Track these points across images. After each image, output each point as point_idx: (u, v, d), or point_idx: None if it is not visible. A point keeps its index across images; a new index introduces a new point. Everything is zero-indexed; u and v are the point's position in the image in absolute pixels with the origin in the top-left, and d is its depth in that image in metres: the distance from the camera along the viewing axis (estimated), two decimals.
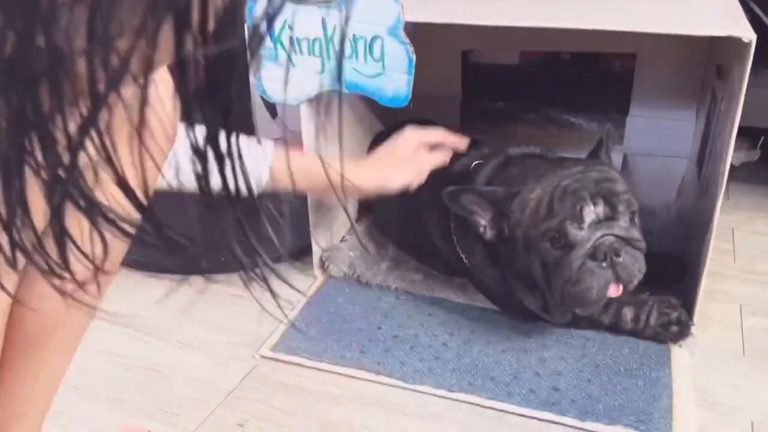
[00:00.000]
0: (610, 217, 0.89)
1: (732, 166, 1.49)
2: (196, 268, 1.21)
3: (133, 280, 1.20)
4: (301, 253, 1.25)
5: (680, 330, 0.98)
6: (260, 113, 1.68)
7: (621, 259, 0.87)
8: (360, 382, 0.94)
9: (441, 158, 1.03)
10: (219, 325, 1.08)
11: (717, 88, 1.03)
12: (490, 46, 1.38)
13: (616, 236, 0.88)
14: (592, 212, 0.88)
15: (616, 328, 1.01)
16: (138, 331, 1.06)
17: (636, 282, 0.89)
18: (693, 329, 0.99)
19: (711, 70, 1.12)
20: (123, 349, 1.02)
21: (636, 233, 0.90)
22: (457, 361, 0.96)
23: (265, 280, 0.39)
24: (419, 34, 0.95)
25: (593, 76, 1.39)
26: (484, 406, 0.88)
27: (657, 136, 1.32)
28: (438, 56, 1.38)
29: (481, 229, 0.96)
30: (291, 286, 0.41)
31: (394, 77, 0.98)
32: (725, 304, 1.09)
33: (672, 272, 1.10)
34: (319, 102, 1.08)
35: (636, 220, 0.91)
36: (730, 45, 0.95)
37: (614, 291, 0.88)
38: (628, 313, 0.99)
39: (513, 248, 0.94)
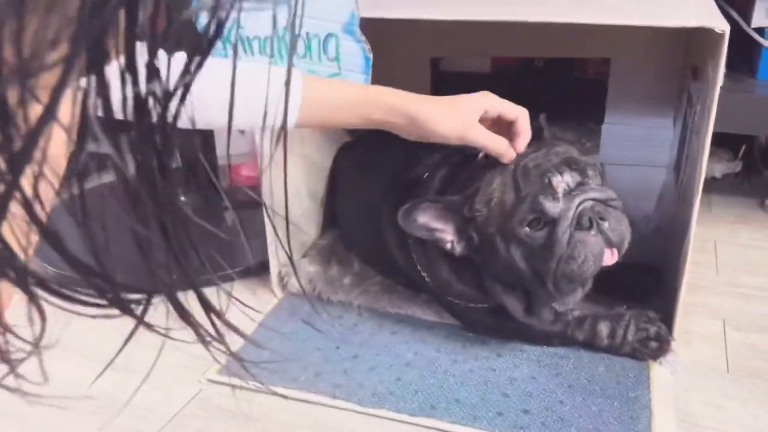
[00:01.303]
0: (581, 182, 0.84)
1: (713, 178, 1.45)
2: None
3: None
4: (260, 268, 1.17)
5: (660, 346, 0.91)
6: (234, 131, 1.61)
7: (607, 223, 0.82)
8: (314, 407, 0.87)
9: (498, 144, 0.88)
10: (168, 348, 0.99)
11: (692, 90, 0.98)
12: (460, 52, 1.33)
13: (594, 199, 0.82)
14: (561, 181, 0.82)
15: (591, 345, 0.94)
16: (76, 354, 0.98)
17: (627, 244, 0.84)
18: (673, 345, 0.92)
19: (687, 73, 1.07)
20: (57, 374, 0.94)
21: (611, 192, 0.85)
22: (420, 383, 0.88)
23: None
24: (384, 40, 0.89)
25: (567, 83, 1.34)
26: (442, 431, 0.80)
27: (634, 144, 1.26)
28: (405, 64, 1.33)
29: (449, 246, 0.89)
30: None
31: (350, 77, 0.92)
32: (708, 318, 1.03)
33: (649, 284, 1.04)
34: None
35: (605, 179, 0.87)
36: (704, 42, 0.90)
37: (609, 258, 0.83)
38: (603, 328, 0.93)
39: (489, 250, 0.86)
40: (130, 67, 0.26)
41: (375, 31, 0.89)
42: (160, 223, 0.31)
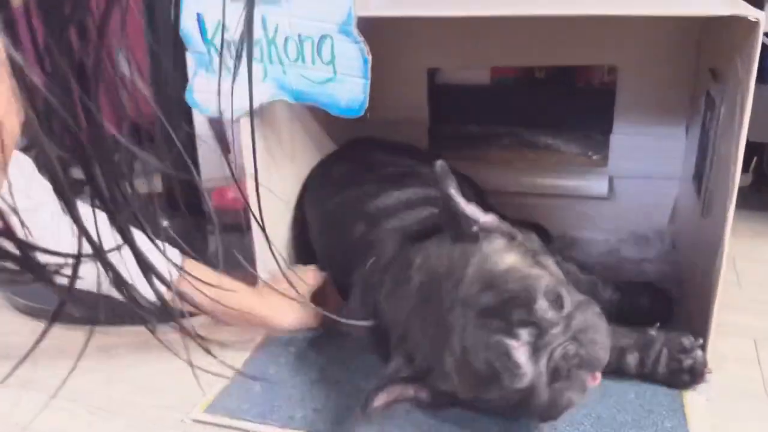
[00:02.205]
0: (538, 327, 0.67)
1: None
2: (117, 318, 1.05)
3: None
4: None
5: (692, 378, 0.82)
6: (206, 148, 1.53)
7: (584, 357, 0.68)
8: None
9: None
10: (145, 385, 0.90)
11: (713, 93, 0.91)
12: (459, 63, 1.26)
13: (560, 344, 0.68)
14: (521, 347, 0.66)
15: (617, 374, 0.85)
16: (47, 395, 0.87)
17: (607, 358, 0.71)
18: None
19: (703, 75, 1.00)
20: (25, 416, 0.83)
21: (568, 303, 0.69)
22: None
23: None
24: (378, 50, 0.82)
25: (571, 94, 1.28)
26: None
27: (644, 155, 1.20)
28: (401, 75, 1.26)
29: (424, 406, 0.78)
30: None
31: (347, 82, 0.84)
32: (737, 338, 0.94)
33: (659, 311, 0.94)
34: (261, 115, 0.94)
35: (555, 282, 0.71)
36: (727, 38, 0.84)
37: (593, 381, 0.70)
38: (631, 361, 0.83)
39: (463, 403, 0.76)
40: None
41: (367, 40, 0.81)
42: None
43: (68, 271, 0.54)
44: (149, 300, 0.43)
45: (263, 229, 0.65)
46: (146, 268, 0.38)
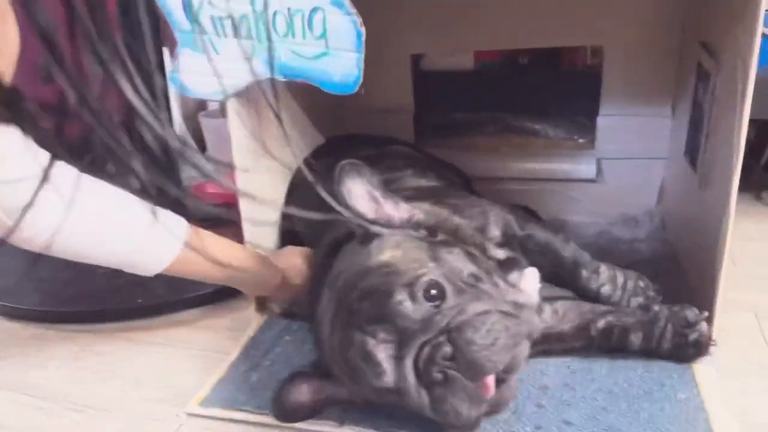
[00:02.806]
0: (394, 323, 0.62)
1: None
2: (103, 314, 1.00)
3: (27, 333, 0.96)
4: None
5: (697, 351, 0.81)
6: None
7: (456, 359, 0.60)
8: None
9: None
10: (134, 381, 0.85)
11: (708, 66, 0.91)
12: (442, 47, 1.25)
13: (425, 343, 0.60)
14: (378, 347, 0.61)
15: (622, 352, 0.83)
16: (31, 396, 0.82)
17: (495, 365, 0.60)
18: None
19: (692, 50, 1.00)
20: (8, 419, 0.78)
21: (451, 297, 0.62)
22: None
23: None
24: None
25: (555, 78, 1.27)
26: None
27: (631, 136, 1.19)
28: (386, 62, 1.24)
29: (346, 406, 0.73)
30: None
31: (340, 57, 0.81)
32: (739, 313, 0.94)
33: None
34: (250, 95, 0.91)
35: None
36: (724, 10, 0.84)
37: (487, 390, 0.61)
38: (635, 340, 0.81)
39: None
40: None
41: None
42: None
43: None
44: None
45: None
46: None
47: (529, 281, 0.76)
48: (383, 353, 0.61)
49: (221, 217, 1.24)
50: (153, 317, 0.99)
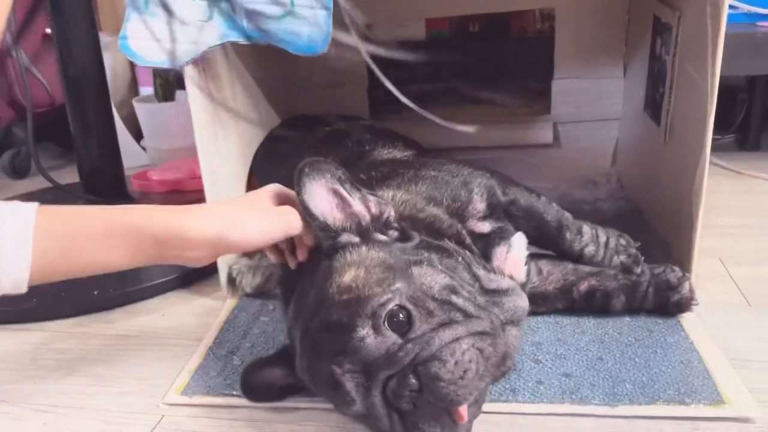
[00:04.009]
0: (358, 356, 0.57)
1: None
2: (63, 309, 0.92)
3: None
4: (201, 274, 0.99)
5: (678, 310, 0.81)
6: (122, 138, 1.39)
7: (422, 395, 0.56)
8: (316, 413, 0.69)
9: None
10: (102, 376, 0.78)
11: (666, 18, 0.92)
12: (392, 16, 1.22)
13: (392, 376, 0.56)
14: (344, 375, 0.58)
15: (603, 313, 0.82)
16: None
17: (466, 396, 0.55)
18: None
19: (648, 4, 1.01)
20: None
21: (418, 325, 0.57)
22: None
23: None
24: None
25: (507, 45, 1.27)
26: (487, 412, 0.66)
27: (585, 98, 1.21)
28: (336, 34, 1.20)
29: None
30: None
31: (307, 15, 0.77)
32: (705, 259, 0.96)
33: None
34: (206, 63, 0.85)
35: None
36: None
37: (460, 418, 0.56)
38: (618, 303, 0.81)
39: None
40: None
41: None
42: None
43: None
44: None
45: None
46: None
47: (516, 251, 0.74)
48: (351, 382, 0.57)
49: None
50: (112, 309, 0.92)
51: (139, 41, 0.80)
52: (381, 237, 0.65)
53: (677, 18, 0.88)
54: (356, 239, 0.64)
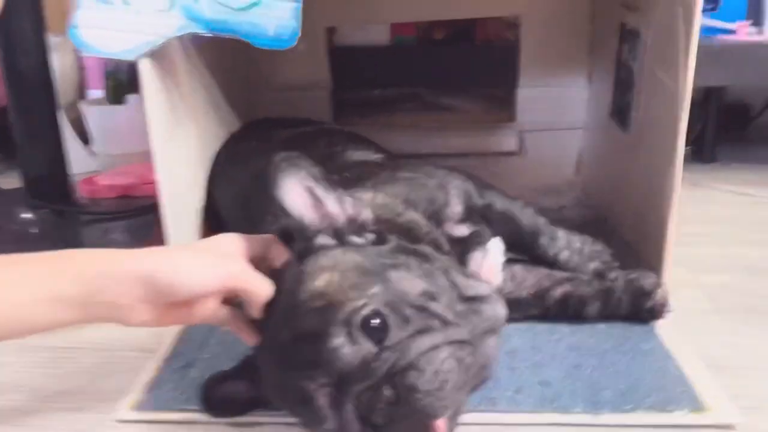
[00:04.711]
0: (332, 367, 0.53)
1: None
2: None
3: None
4: None
5: (652, 317, 0.80)
6: (70, 142, 1.32)
7: (399, 404, 0.52)
8: (279, 428, 0.65)
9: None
10: (42, 392, 0.72)
11: (634, 24, 0.92)
12: (357, 20, 1.20)
13: (366, 388, 0.52)
14: (318, 391, 0.53)
15: (577, 320, 0.81)
16: None
17: (445, 407, 0.52)
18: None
19: (614, 11, 1.01)
20: None
21: (396, 332, 0.53)
22: None
23: None
24: None
25: (472, 52, 1.26)
26: (465, 423, 0.62)
27: (550, 107, 1.21)
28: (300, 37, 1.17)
29: None
30: None
31: (275, 7, 0.74)
32: (672, 267, 0.96)
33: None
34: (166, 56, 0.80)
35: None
36: None
37: (439, 430, 0.53)
38: (592, 310, 0.79)
39: None
40: None
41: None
42: None
43: None
44: None
45: None
46: None
47: (493, 256, 0.72)
48: (324, 398, 0.53)
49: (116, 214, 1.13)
50: None
51: (91, 30, 0.74)
52: (356, 240, 0.61)
53: (646, 23, 0.88)
54: (331, 241, 0.60)
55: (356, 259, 0.58)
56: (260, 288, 0.59)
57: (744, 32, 1.23)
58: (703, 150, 1.46)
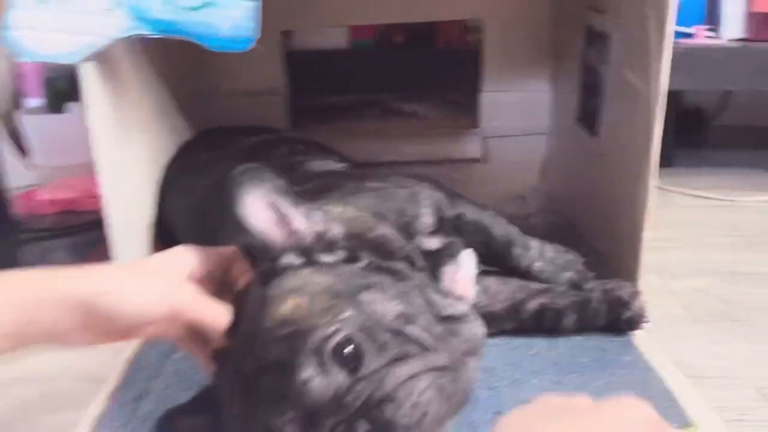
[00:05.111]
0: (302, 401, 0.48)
1: None
2: None
3: None
4: None
5: (629, 327, 0.78)
6: (7, 156, 1.24)
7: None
8: None
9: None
10: None
11: (602, 26, 0.91)
12: (313, 22, 1.15)
13: (340, 422, 0.47)
14: (284, 424, 0.48)
15: (553, 332, 0.78)
16: None
17: (433, 425, 0.49)
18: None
19: (580, 15, 0.99)
20: None
21: (372, 360, 0.49)
22: None
23: None
24: None
25: (432, 57, 1.23)
26: None
27: (513, 112, 1.18)
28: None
29: None
30: None
31: (230, 6, 0.68)
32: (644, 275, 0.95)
33: None
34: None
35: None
36: None
37: None
38: (569, 322, 0.76)
39: None
40: None
41: None
42: None
43: None
44: None
45: None
46: None
47: (465, 269, 0.69)
48: None
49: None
50: None
51: (27, 32, 0.68)
52: (326, 258, 0.56)
53: (615, 26, 0.86)
54: (298, 261, 0.55)
55: (326, 280, 0.53)
56: (215, 318, 0.53)
57: (702, 36, 1.24)
58: (661, 154, 1.46)
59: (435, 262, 0.70)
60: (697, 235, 1.11)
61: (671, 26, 0.71)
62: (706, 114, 1.64)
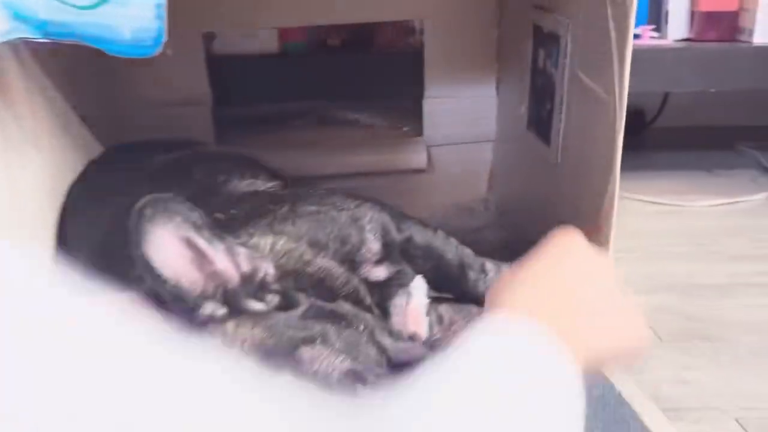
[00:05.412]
0: None
1: None
2: None
3: None
4: None
5: None
6: None
7: None
8: None
9: None
10: None
11: (553, 27, 0.84)
12: (240, 24, 1.05)
13: None
14: None
15: None
16: None
17: None
18: None
19: (525, 15, 0.93)
20: None
21: None
22: None
23: None
24: None
25: (370, 61, 1.15)
26: None
27: (458, 119, 1.11)
28: (171, 43, 1.00)
29: None
30: None
31: (128, 4, 0.58)
32: None
33: None
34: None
35: None
36: None
37: None
38: None
39: None
40: None
41: None
42: None
43: None
44: None
45: None
46: None
47: (416, 300, 0.61)
48: None
49: None
50: None
51: None
52: (256, 305, 0.47)
53: (566, 26, 0.79)
54: (221, 311, 0.45)
55: (256, 335, 0.44)
56: None
57: (647, 36, 1.20)
58: None
59: (383, 294, 0.62)
60: (654, 245, 1.06)
61: (632, 27, 0.64)
62: (645, 115, 1.61)
